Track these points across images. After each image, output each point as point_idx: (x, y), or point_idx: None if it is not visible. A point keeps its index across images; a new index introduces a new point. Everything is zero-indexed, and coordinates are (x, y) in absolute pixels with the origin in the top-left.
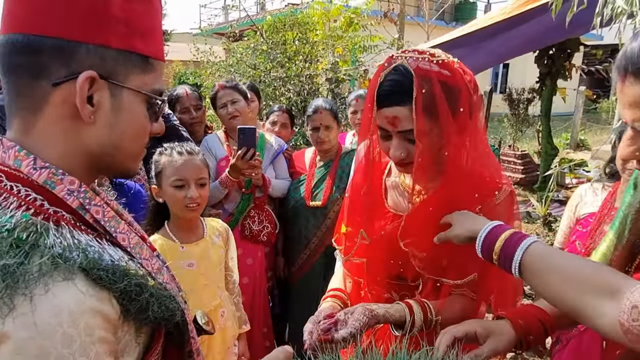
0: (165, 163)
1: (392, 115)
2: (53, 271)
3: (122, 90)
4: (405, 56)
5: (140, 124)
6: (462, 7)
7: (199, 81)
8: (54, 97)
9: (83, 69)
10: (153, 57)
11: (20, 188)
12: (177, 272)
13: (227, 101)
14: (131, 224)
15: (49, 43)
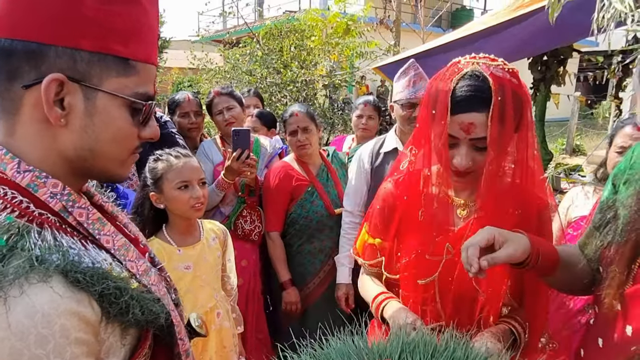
0: (165, 168)
1: (468, 121)
2: (29, 273)
3: (96, 93)
4: (478, 62)
5: (118, 128)
6: (458, 14)
7: (196, 88)
8: (27, 100)
9: (52, 71)
10: (135, 59)
11: (7, 190)
12: (174, 275)
13: (223, 108)
14: (126, 226)
15: (19, 46)
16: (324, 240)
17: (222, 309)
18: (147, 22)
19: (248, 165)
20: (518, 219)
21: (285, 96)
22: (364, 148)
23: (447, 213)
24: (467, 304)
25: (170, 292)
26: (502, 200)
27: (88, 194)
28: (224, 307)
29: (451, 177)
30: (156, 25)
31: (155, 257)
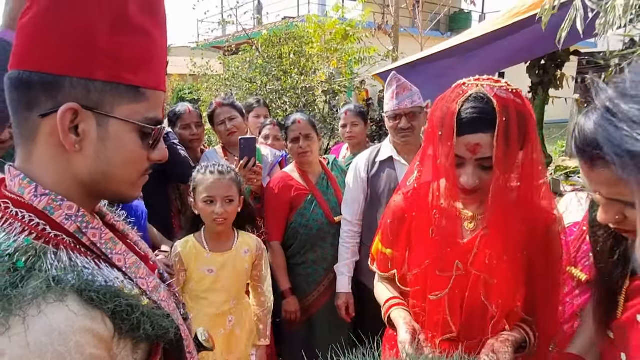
0: (199, 181)
1: (474, 142)
2: (46, 293)
3: (109, 120)
4: (482, 84)
5: (130, 152)
6: (456, 18)
7: (196, 95)
8: (44, 128)
9: (68, 100)
10: (145, 87)
11: (24, 214)
12: (197, 275)
13: (225, 118)
14: (136, 244)
15: (37, 78)
16: (326, 248)
17: (236, 316)
18: (156, 51)
19: (254, 173)
20: (526, 235)
21: (286, 103)
22: (360, 157)
23: (455, 226)
24: (478, 317)
25: (179, 307)
26: (509, 217)
27: (100, 213)
28: (241, 316)
29: (458, 194)
30: (164, 53)
31: (164, 273)
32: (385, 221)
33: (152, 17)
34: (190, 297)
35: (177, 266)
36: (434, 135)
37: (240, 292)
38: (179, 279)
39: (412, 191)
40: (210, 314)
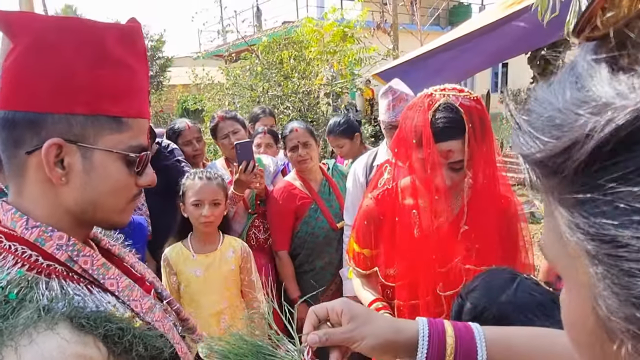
0: (188, 185)
1: (447, 149)
2: (37, 322)
3: (93, 151)
4: (448, 94)
5: (116, 181)
6: (456, 11)
7: (200, 106)
8: (31, 164)
9: (51, 136)
10: (127, 117)
11: (17, 246)
12: (187, 277)
13: (228, 132)
14: (133, 266)
15: (21, 117)
16: (332, 254)
17: (229, 316)
18: (136, 81)
19: (255, 175)
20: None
21: (288, 107)
22: (357, 162)
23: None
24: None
25: (177, 325)
26: (483, 209)
27: (95, 239)
28: (234, 315)
29: (432, 193)
30: (146, 82)
31: (163, 291)
32: (361, 223)
33: (131, 49)
34: (185, 301)
35: (167, 270)
36: (406, 141)
37: (232, 294)
38: (171, 282)
39: (383, 193)
40: (204, 315)
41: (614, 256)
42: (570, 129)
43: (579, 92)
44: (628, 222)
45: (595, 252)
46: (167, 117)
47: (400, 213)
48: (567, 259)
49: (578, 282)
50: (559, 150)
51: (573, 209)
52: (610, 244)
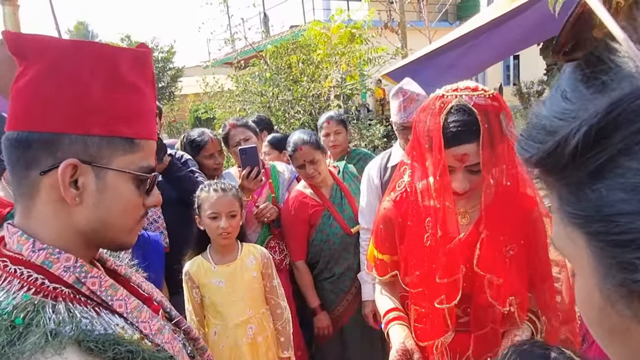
0: (203, 198)
1: (461, 153)
2: (45, 347)
3: (106, 171)
4: (460, 94)
5: (127, 201)
6: (463, 6)
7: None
8: (44, 184)
9: (67, 156)
10: (139, 138)
11: (22, 270)
12: (210, 288)
13: (240, 139)
14: (139, 286)
15: (36, 137)
16: (349, 259)
17: (256, 325)
18: (146, 103)
19: (260, 182)
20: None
21: (299, 112)
22: (371, 164)
23: (453, 222)
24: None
25: (187, 345)
26: (503, 213)
27: (101, 260)
28: (261, 324)
29: (451, 197)
30: (154, 104)
31: (172, 311)
32: (378, 227)
33: (141, 74)
34: (211, 313)
35: (189, 284)
36: (420, 145)
37: (256, 301)
38: (194, 297)
39: (401, 196)
40: (231, 325)
41: (602, 232)
42: (555, 134)
43: (564, 103)
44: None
45: (588, 231)
46: (180, 126)
47: (416, 217)
48: (572, 245)
49: (582, 264)
50: (547, 152)
51: (567, 198)
52: (599, 223)
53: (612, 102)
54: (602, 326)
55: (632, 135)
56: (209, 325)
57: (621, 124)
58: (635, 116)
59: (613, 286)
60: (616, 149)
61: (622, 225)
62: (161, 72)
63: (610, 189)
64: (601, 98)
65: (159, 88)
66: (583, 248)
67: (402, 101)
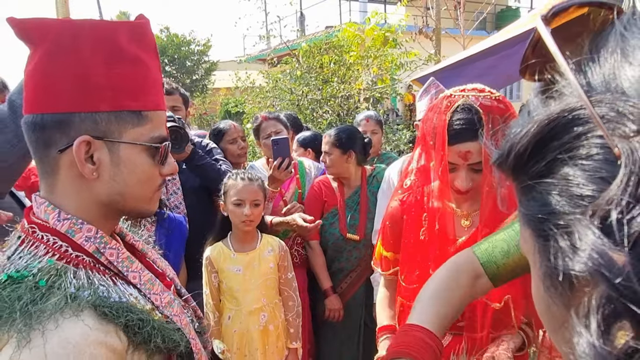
0: (230, 185)
1: (464, 150)
2: (64, 309)
3: (118, 145)
4: (467, 94)
5: (143, 172)
6: (503, 15)
7: (241, 108)
8: (63, 162)
9: (80, 134)
10: (146, 110)
11: (49, 237)
12: (228, 274)
13: (271, 132)
14: (154, 262)
15: (49, 118)
16: (342, 262)
17: (268, 313)
18: (150, 75)
19: (290, 173)
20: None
21: (327, 111)
22: (392, 167)
23: (452, 225)
24: (480, 313)
25: (194, 321)
26: (502, 213)
27: (121, 234)
28: (273, 313)
29: (453, 195)
30: (159, 74)
31: (182, 289)
32: (384, 224)
33: (142, 45)
34: (226, 298)
35: (208, 268)
36: (426, 143)
37: (271, 291)
38: (212, 281)
39: (409, 194)
40: (245, 311)
41: (543, 229)
42: (509, 141)
43: (527, 117)
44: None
45: (534, 229)
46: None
47: (414, 212)
48: (527, 244)
49: (533, 260)
50: (503, 156)
51: (520, 200)
52: (542, 222)
53: (549, 116)
54: (546, 317)
55: (563, 145)
56: (223, 310)
57: (555, 134)
58: (565, 129)
59: (549, 277)
60: (553, 156)
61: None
62: (196, 65)
63: (548, 191)
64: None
65: (193, 80)
66: (532, 245)
67: (434, 94)
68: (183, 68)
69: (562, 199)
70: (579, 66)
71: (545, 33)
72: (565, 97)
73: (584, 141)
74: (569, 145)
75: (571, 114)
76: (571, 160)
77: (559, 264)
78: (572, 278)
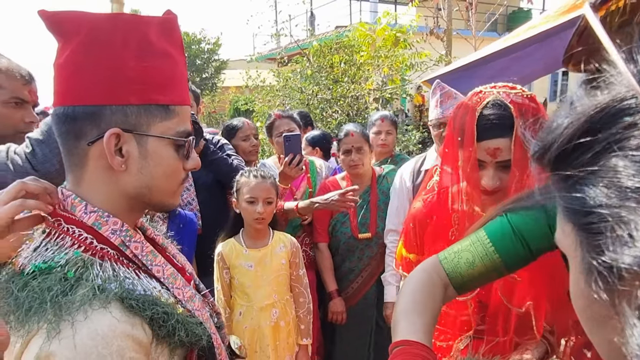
0: (243, 183)
1: (494, 147)
2: (92, 300)
3: (147, 138)
4: (498, 91)
5: (169, 165)
6: (515, 16)
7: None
8: (92, 154)
9: (110, 126)
10: (173, 104)
11: (74, 229)
12: (240, 270)
13: (284, 130)
14: (174, 256)
15: (81, 111)
16: (353, 261)
17: (279, 310)
18: (178, 70)
19: (300, 170)
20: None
21: (337, 111)
22: (405, 167)
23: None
24: (503, 317)
25: (213, 316)
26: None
27: (142, 228)
28: (284, 310)
29: (480, 196)
30: (185, 69)
31: (200, 284)
32: (407, 225)
33: (170, 40)
34: (238, 294)
35: (220, 264)
36: (454, 140)
37: (282, 287)
38: (224, 277)
39: (433, 195)
40: (256, 307)
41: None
42: (551, 133)
43: (569, 108)
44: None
45: (576, 223)
46: (220, 117)
47: (443, 213)
48: (566, 237)
49: (573, 255)
50: (545, 148)
51: (561, 193)
52: (585, 215)
53: (597, 105)
54: (587, 314)
55: (612, 135)
56: (234, 306)
57: (604, 125)
58: (614, 119)
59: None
60: (600, 147)
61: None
62: (206, 63)
63: (594, 184)
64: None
65: (203, 79)
66: (573, 239)
67: (439, 96)
68: (193, 66)
69: (610, 190)
70: (630, 54)
71: (594, 20)
72: (614, 86)
73: (635, 131)
74: (618, 136)
75: (621, 104)
76: (621, 152)
77: (609, 256)
78: (622, 271)
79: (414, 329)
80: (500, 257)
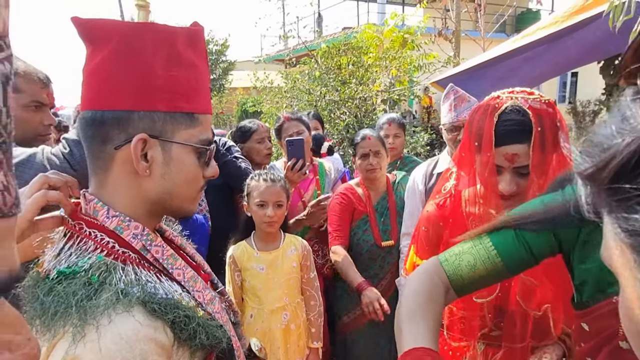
0: (253, 186)
1: (512, 152)
2: (116, 304)
3: (171, 145)
4: (516, 96)
5: (190, 172)
6: (523, 18)
7: (258, 108)
8: (118, 158)
9: (137, 132)
10: (198, 113)
11: (97, 233)
12: (251, 272)
13: (293, 132)
14: (192, 256)
15: (109, 115)
16: (375, 269)
17: (290, 312)
18: (202, 79)
19: (303, 174)
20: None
21: (345, 113)
22: (417, 170)
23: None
24: (520, 322)
25: (230, 314)
26: None
27: (160, 230)
28: (295, 313)
29: (497, 200)
30: (208, 80)
31: (218, 282)
32: (419, 228)
33: (196, 51)
34: (249, 297)
35: (231, 267)
36: (471, 145)
37: (293, 290)
38: (235, 279)
39: (447, 199)
40: (267, 310)
41: None
42: (608, 150)
43: (621, 124)
44: None
45: (634, 244)
46: (227, 118)
47: (458, 217)
48: (620, 258)
49: (627, 275)
50: (599, 166)
51: (617, 212)
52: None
53: None
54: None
55: None
56: (246, 309)
57: None
58: None
59: None
60: None
61: None
62: (214, 64)
63: None
64: None
65: (210, 80)
66: (628, 260)
67: (453, 100)
68: None
69: None
70: None
71: None
72: None
73: None
74: None
75: None
76: None
77: None
78: None
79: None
80: (502, 260)
